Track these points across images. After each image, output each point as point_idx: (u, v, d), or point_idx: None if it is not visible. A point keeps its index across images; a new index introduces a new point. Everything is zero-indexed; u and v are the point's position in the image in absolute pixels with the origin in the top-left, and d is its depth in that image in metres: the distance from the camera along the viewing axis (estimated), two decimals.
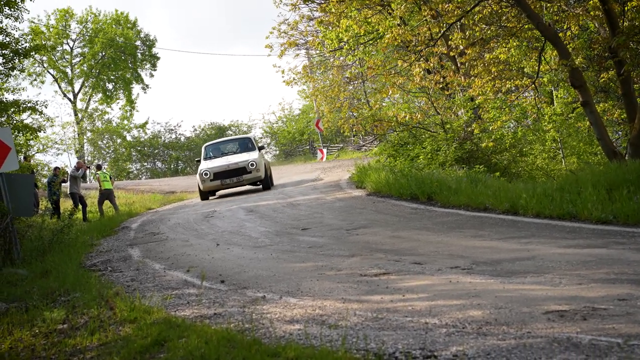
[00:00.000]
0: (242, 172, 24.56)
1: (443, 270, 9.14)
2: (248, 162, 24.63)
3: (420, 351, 5.81)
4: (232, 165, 24.60)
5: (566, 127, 23.97)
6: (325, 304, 7.91)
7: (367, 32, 24.69)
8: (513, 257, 9.44)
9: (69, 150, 56.84)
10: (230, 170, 24.52)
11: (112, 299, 8.42)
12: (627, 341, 5.45)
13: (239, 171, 24.55)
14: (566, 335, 5.79)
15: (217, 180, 24.45)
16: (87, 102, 62.50)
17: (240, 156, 25.41)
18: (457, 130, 22.47)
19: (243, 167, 24.59)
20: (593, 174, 13.68)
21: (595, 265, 8.55)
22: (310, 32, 32.41)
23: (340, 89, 34.62)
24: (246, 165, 24.60)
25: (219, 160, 25.48)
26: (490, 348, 5.68)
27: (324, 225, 14.26)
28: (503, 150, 22.75)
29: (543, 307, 6.77)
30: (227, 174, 24.49)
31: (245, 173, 24.58)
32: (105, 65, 61.24)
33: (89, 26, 61.76)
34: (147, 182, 43.47)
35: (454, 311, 6.99)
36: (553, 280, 7.99)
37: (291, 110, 59.58)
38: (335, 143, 52.86)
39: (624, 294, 6.99)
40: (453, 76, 22.77)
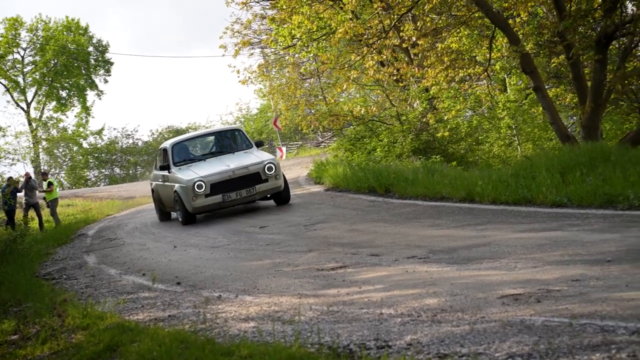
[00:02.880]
0: (255, 180, 16.35)
1: (400, 260, 9.10)
2: (264, 165, 16.43)
3: (374, 342, 5.75)
4: (239, 171, 16.33)
5: (520, 114, 24.10)
6: (281, 300, 7.83)
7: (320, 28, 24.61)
8: (469, 244, 9.43)
9: (24, 160, 56.18)
10: (237, 178, 16.29)
11: (60, 307, 8.26)
12: (579, 320, 5.44)
13: (251, 179, 16.31)
14: (520, 318, 5.76)
15: (217, 194, 16.20)
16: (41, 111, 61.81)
17: (243, 157, 17.09)
18: (413, 122, 22.49)
19: (256, 173, 16.38)
20: (547, 159, 13.73)
21: (550, 248, 8.56)
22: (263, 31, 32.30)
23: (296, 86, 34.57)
24: (261, 169, 16.37)
25: (210, 164, 16.96)
26: (445, 335, 5.64)
27: (282, 222, 14.18)
28: (459, 140, 22.82)
29: (498, 292, 6.75)
30: (233, 184, 16.27)
31: (259, 182, 16.36)
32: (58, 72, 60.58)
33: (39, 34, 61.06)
34: (105, 189, 43.08)
35: (409, 300, 6.95)
36: (508, 264, 7.98)
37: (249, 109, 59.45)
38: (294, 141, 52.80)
39: (577, 275, 7.00)
40: (406, 68, 22.78)
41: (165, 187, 17.57)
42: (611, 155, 12.71)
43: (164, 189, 17.74)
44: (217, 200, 16.22)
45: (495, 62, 21.77)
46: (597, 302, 5.94)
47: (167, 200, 17.67)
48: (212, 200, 16.20)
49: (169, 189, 17.18)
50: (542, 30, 19.56)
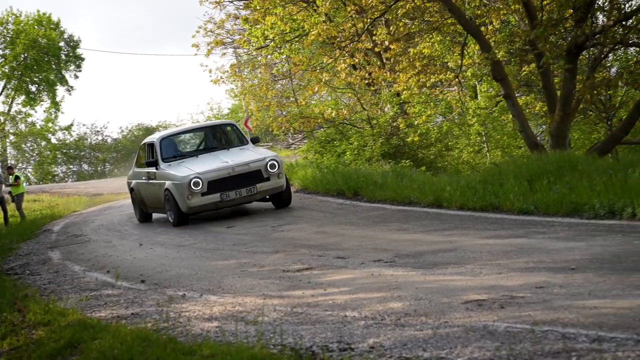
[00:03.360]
0: (256, 178, 15.06)
1: (366, 263, 9.10)
2: (266, 162, 15.13)
3: (337, 344, 5.74)
4: (239, 168, 15.03)
5: (490, 121, 24.22)
6: (245, 300, 7.80)
7: (293, 29, 24.59)
8: (435, 249, 9.46)
9: None
10: (236, 176, 14.98)
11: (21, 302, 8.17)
12: (541, 327, 5.46)
13: (251, 178, 15.05)
14: (483, 324, 5.78)
15: (214, 193, 14.82)
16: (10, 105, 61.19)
17: (241, 153, 15.80)
18: (384, 126, 22.54)
19: (257, 171, 15.10)
20: (515, 166, 13.79)
21: (516, 254, 8.60)
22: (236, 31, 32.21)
23: (268, 87, 34.53)
24: (263, 167, 15.10)
25: (205, 160, 15.59)
26: (407, 339, 5.64)
27: (249, 223, 14.13)
28: (429, 145, 22.89)
29: (462, 297, 6.76)
30: (232, 182, 14.93)
31: (260, 180, 15.06)
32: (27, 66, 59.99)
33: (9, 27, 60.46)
34: (73, 185, 42.76)
35: (374, 304, 6.94)
36: (473, 270, 8.01)
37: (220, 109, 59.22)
38: (264, 142, 52.71)
39: (541, 282, 7.03)
40: (378, 72, 22.84)
41: (151, 186, 16.02)
42: (578, 164, 12.79)
43: (148, 188, 16.23)
44: (214, 200, 14.82)
45: (467, 69, 21.87)
46: (560, 310, 5.97)
47: (152, 199, 16.20)
48: (209, 199, 14.80)
49: (156, 188, 15.70)
50: (513, 39, 19.68)
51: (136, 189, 17.08)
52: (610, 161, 14.27)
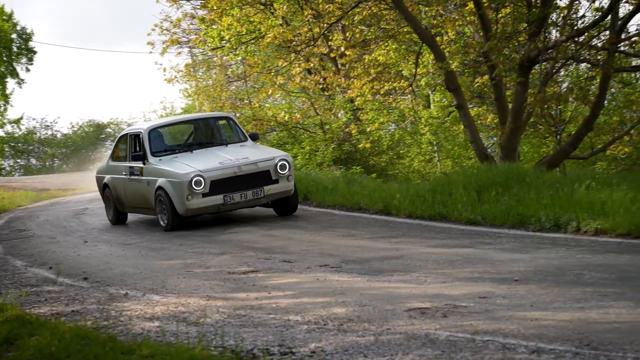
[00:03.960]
0: (264, 180, 13.33)
1: (312, 268, 9.09)
2: (276, 162, 13.42)
3: (278, 347, 5.71)
4: (247, 168, 13.29)
5: (442, 131, 24.36)
6: (189, 301, 7.74)
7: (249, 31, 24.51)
8: (382, 256, 9.48)
9: None
10: (242, 176, 13.24)
11: None
12: (482, 337, 5.48)
13: (259, 179, 13.32)
14: (425, 332, 5.79)
15: (217, 194, 13.06)
16: None
17: (243, 150, 13.99)
18: (336, 131, 22.55)
19: (266, 172, 13.38)
20: (465, 176, 13.87)
21: (461, 264, 8.66)
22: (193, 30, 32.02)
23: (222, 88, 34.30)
24: (272, 167, 13.36)
25: (202, 156, 13.79)
26: (349, 344, 5.63)
27: (196, 223, 14.01)
28: (381, 152, 22.95)
29: (406, 305, 6.78)
30: (237, 183, 13.19)
31: (269, 182, 13.35)
32: None
33: None
34: (19, 179, 42.18)
35: (317, 308, 6.93)
36: (419, 278, 8.03)
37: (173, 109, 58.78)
38: None
39: (485, 292, 7.08)
40: (333, 77, 22.83)
41: (135, 182, 14.18)
42: (527, 176, 12.90)
43: (130, 185, 14.39)
44: (216, 202, 13.06)
45: (421, 78, 21.97)
46: (502, 320, 6.01)
47: (134, 198, 14.38)
48: (211, 201, 13.02)
49: (142, 185, 13.88)
50: (468, 50, 19.82)
51: (112, 185, 15.08)
52: (558, 175, 14.42)
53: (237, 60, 30.64)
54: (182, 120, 16.35)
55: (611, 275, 7.48)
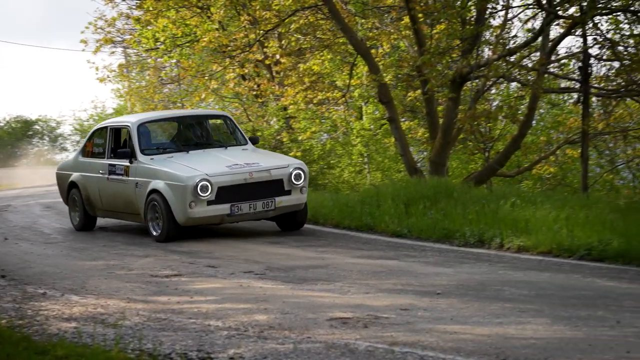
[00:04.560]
0: (276, 190, 11.82)
1: (236, 274, 9.05)
2: (290, 170, 11.92)
3: (197, 352, 5.66)
4: (258, 175, 11.79)
5: (373, 143, 24.49)
6: (108, 302, 7.63)
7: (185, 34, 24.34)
8: (307, 265, 9.48)
9: None
10: (253, 184, 11.72)
11: None
12: (402, 349, 5.51)
13: (271, 188, 11.80)
14: (345, 342, 5.80)
15: (224, 203, 11.53)
16: None
17: (247, 155, 12.52)
18: (268, 139, 22.50)
19: (278, 181, 11.85)
20: (394, 189, 13.95)
21: (385, 276, 8.71)
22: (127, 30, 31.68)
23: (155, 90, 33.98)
24: (286, 176, 11.87)
25: (202, 158, 12.25)
26: (268, 352, 5.60)
27: (123, 224, 13.83)
28: (311, 162, 22.95)
29: (328, 314, 6.78)
30: (247, 191, 11.68)
31: (281, 193, 11.83)
32: None
33: None
34: None
35: (239, 315, 6.89)
36: (342, 288, 8.05)
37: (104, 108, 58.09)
38: None
39: (406, 304, 7.12)
40: (267, 84, 22.79)
41: (118, 183, 12.49)
42: (454, 191, 13.03)
43: (109, 186, 12.69)
44: (221, 212, 11.51)
45: (354, 89, 22.07)
46: (422, 333, 6.05)
47: (114, 200, 12.72)
48: (216, 210, 11.46)
49: (127, 186, 12.24)
50: (402, 64, 19.97)
51: (82, 185, 13.27)
52: (485, 191, 14.59)
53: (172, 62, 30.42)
54: (175, 116, 14.44)
55: (530, 292, 7.59)
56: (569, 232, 10.03)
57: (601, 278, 8.33)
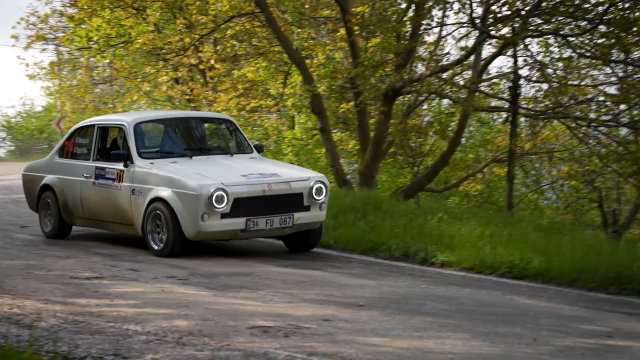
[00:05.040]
0: (295, 205, 10.63)
1: (159, 279, 8.96)
2: (311, 184, 10.72)
3: (112, 356, 5.57)
4: (277, 187, 10.59)
5: (304, 152, 24.53)
6: (25, 303, 7.46)
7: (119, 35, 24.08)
8: (231, 272, 9.44)
9: None
10: (271, 197, 10.52)
11: None
12: (321, 359, 5.51)
13: (289, 203, 10.62)
14: (264, 350, 5.77)
15: (239, 217, 10.28)
16: None
17: (258, 164, 11.40)
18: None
19: (298, 195, 10.66)
20: None
21: (309, 286, 8.73)
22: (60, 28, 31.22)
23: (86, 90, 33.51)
24: (307, 190, 10.68)
25: (208, 165, 11.02)
26: (186, 358, 5.55)
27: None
28: None
29: (249, 322, 6.75)
30: (264, 205, 10.46)
31: (299, 209, 10.64)
32: None
33: None
34: None
35: (159, 320, 6.81)
36: (265, 297, 8.03)
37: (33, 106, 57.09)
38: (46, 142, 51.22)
39: (328, 315, 7.13)
40: (200, 89, 22.66)
41: (108, 189, 11.17)
42: (383, 204, 13.12)
43: (96, 192, 11.39)
44: (236, 227, 10.28)
45: (288, 98, 22.08)
46: (342, 344, 6.06)
47: (100, 208, 11.41)
48: (230, 224, 10.25)
49: (122, 194, 10.92)
50: (336, 75, 20.04)
51: (59, 189, 11.91)
52: (413, 206, 14.72)
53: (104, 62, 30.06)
54: (176, 117, 12.80)
55: (451, 307, 7.66)
56: (492, 249, 10.18)
57: (520, 296, 8.45)
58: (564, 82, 16.29)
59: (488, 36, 15.78)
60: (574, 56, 16.36)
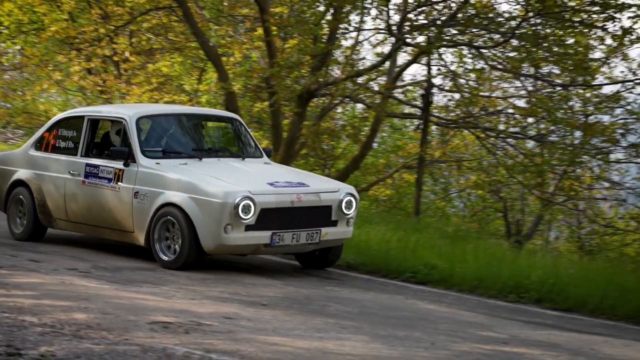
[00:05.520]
0: (323, 219, 9.50)
1: (60, 270, 8.80)
2: (341, 196, 9.61)
3: (5, 348, 5.42)
4: (306, 198, 9.45)
5: None
6: None
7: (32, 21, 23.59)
8: (135, 267, 9.35)
9: None
10: (300, 209, 9.40)
11: None
12: (220, 356, 5.49)
13: (318, 216, 9.49)
14: (163, 346, 5.71)
15: (264, 230, 9.12)
16: None
17: (273, 170, 10.49)
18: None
19: (327, 208, 9.56)
20: None
21: (213, 283, 8.71)
22: None
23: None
24: (336, 203, 9.57)
25: (230, 171, 9.85)
26: (82, 351, 5.45)
27: None
28: None
29: (150, 317, 6.68)
30: (292, 218, 9.33)
31: (327, 223, 9.51)
32: None
33: None
34: None
35: (57, 312, 6.67)
36: (168, 292, 7.97)
37: None
38: None
39: (231, 313, 7.11)
40: (113, 81, 22.34)
41: (103, 190, 9.88)
42: None
43: (86, 192, 10.09)
44: (259, 241, 9.14)
45: (202, 95, 21.96)
46: (242, 342, 6.04)
47: (91, 210, 10.12)
48: (254, 238, 9.11)
49: (121, 196, 9.67)
50: (252, 74, 19.99)
51: (36, 186, 10.58)
52: None
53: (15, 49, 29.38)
54: (182, 112, 11.41)
55: (354, 309, 7.73)
56: (398, 254, 10.29)
57: (422, 300, 8.58)
58: (475, 93, 16.62)
59: (403, 43, 15.97)
60: (486, 68, 16.67)
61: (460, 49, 16.49)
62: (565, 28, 15.34)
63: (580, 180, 17.37)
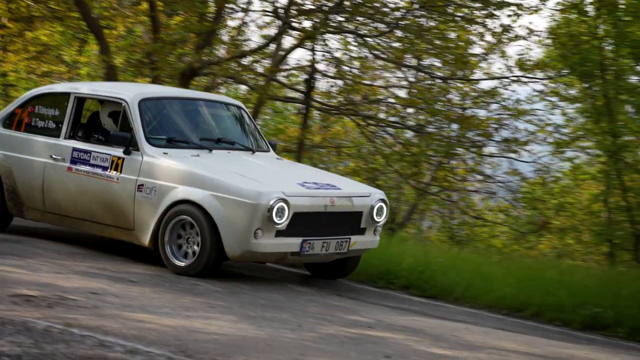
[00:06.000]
0: (353, 226, 8.57)
1: None
2: (373, 202, 8.63)
3: None
4: (339, 202, 8.42)
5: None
6: None
7: None
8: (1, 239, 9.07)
9: None
10: (333, 214, 8.37)
11: None
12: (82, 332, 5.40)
13: (348, 222, 8.55)
14: (24, 320, 5.58)
15: (295, 236, 8.10)
16: None
17: (290, 168, 10.12)
18: None
19: (357, 214, 8.59)
20: None
21: (81, 258, 8.61)
22: None
23: None
24: (367, 208, 8.61)
25: (249, 166, 8.86)
26: None
27: None
28: None
29: (12, 290, 6.52)
30: (324, 223, 8.32)
31: (356, 230, 8.57)
32: None
33: None
34: None
35: None
36: (33, 265, 7.83)
37: None
38: None
39: (98, 288, 7.02)
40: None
41: (95, 180, 8.71)
42: None
43: (76, 182, 8.86)
44: (288, 249, 8.17)
45: (82, 67, 21.47)
46: (107, 318, 5.97)
47: (77, 203, 8.93)
48: (283, 245, 8.12)
49: (119, 187, 8.54)
50: (135, 49, 19.64)
51: (6, 169, 9.36)
52: None
53: None
54: (188, 96, 10.13)
55: (224, 289, 7.72)
56: None
57: (293, 283, 8.67)
58: (357, 81, 16.76)
59: (289, 27, 15.96)
60: (370, 57, 16.85)
61: (345, 36, 16.59)
62: (448, 22, 15.66)
63: (455, 172, 17.79)
